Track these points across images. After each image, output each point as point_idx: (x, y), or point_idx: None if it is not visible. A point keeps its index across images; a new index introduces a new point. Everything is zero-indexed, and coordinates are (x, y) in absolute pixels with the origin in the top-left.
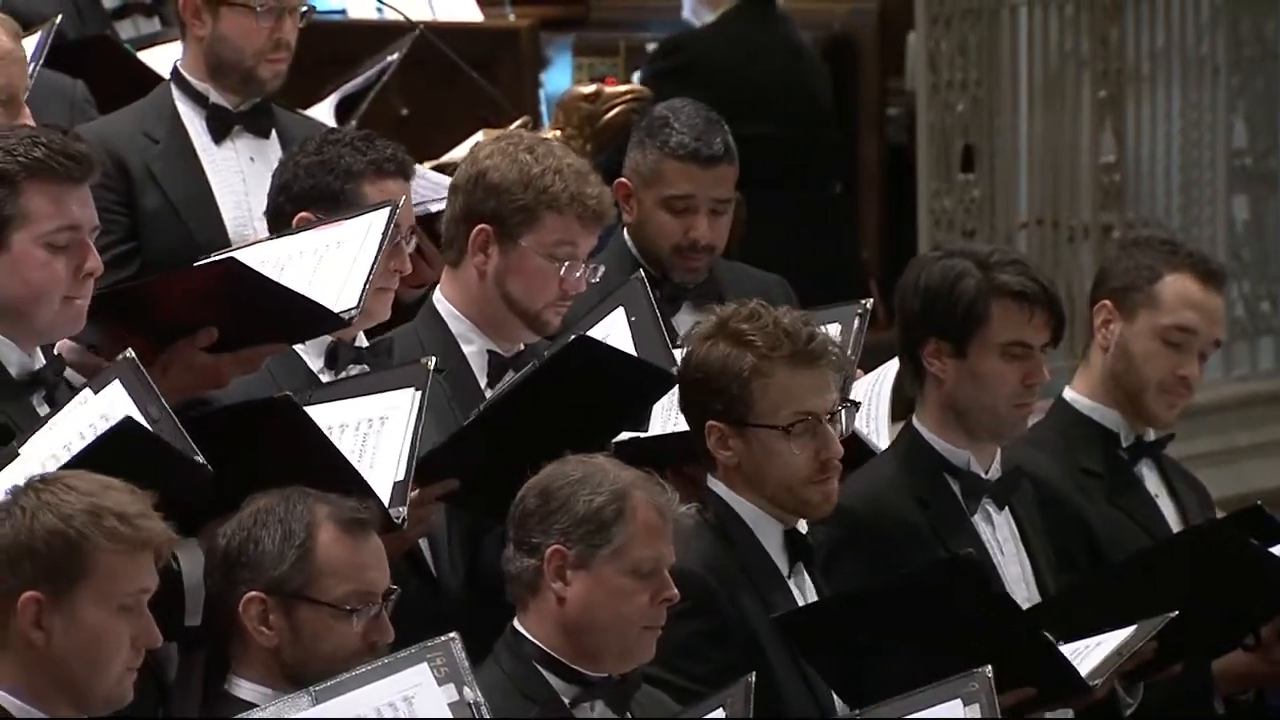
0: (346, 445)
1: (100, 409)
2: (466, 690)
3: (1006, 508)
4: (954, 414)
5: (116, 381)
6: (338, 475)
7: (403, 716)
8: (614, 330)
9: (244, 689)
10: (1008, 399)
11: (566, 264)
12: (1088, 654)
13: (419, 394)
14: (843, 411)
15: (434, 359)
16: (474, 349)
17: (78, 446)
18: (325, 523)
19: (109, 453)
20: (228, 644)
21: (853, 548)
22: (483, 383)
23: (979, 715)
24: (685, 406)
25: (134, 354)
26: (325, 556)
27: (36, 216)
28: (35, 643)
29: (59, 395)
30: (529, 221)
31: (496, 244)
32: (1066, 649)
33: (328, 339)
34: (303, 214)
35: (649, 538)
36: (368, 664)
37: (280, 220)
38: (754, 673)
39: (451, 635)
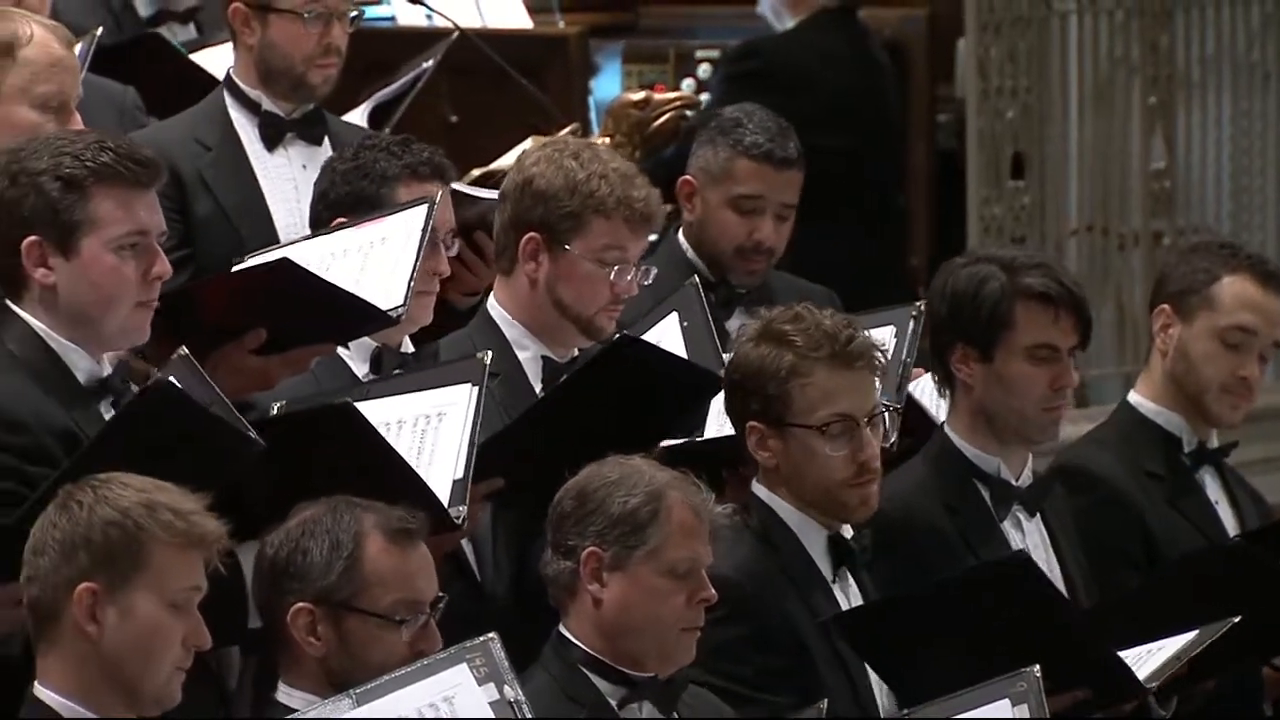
0: (404, 442)
1: None
2: (507, 689)
3: (1038, 515)
4: (984, 419)
5: (171, 379)
6: (397, 481)
7: (444, 716)
8: (667, 334)
9: (293, 697)
10: (1036, 403)
11: (617, 268)
12: (1149, 658)
13: (476, 389)
14: (885, 415)
15: (489, 353)
16: (529, 355)
17: None
18: (373, 533)
19: (155, 419)
20: (276, 653)
21: (882, 552)
22: (537, 388)
23: (1028, 715)
24: (729, 408)
25: (187, 351)
26: (373, 567)
27: (105, 221)
28: (89, 635)
29: (126, 402)
30: (577, 227)
31: (546, 251)
32: (1127, 655)
33: (372, 345)
34: (339, 220)
35: (684, 538)
36: (407, 666)
37: (321, 228)
38: (826, 700)
39: (490, 635)
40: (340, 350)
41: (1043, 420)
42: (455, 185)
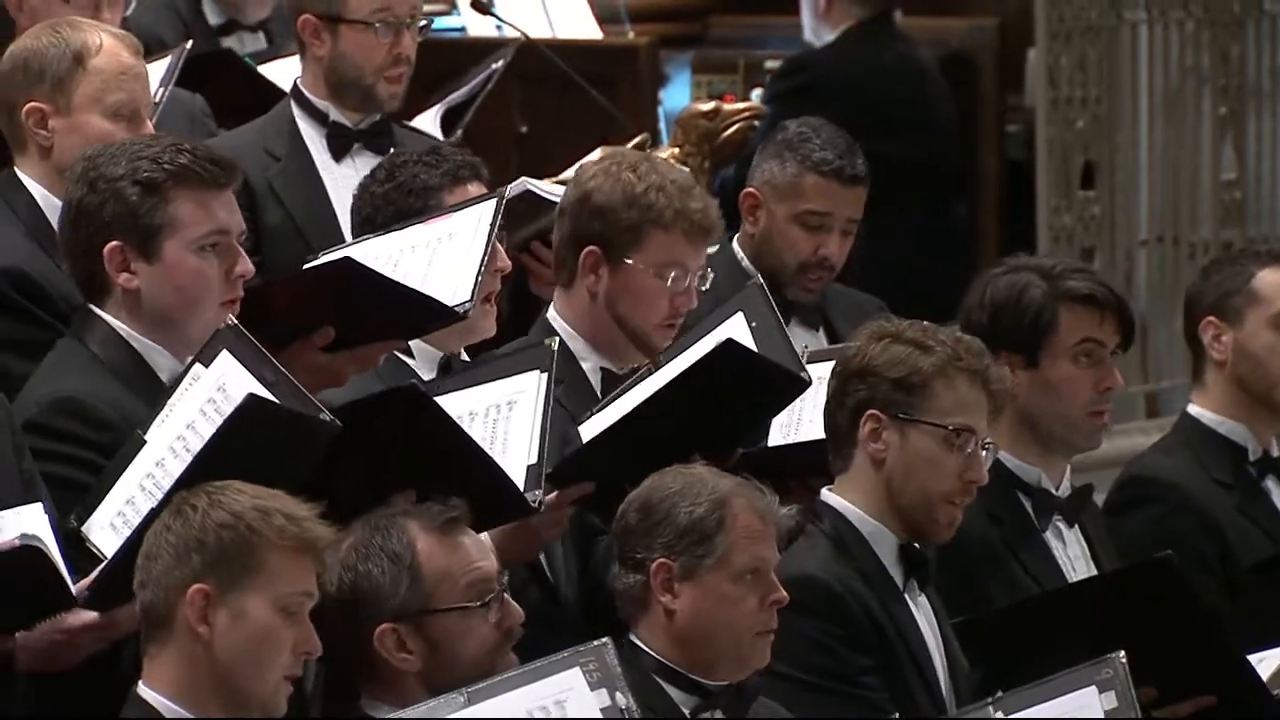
0: (477, 433)
1: (214, 381)
2: (619, 695)
3: (1077, 525)
4: (1028, 428)
5: (224, 351)
6: (473, 467)
7: (554, 718)
8: (734, 335)
9: (382, 710)
10: (1082, 406)
11: (674, 277)
12: (1260, 665)
13: (544, 375)
14: (990, 447)
15: (557, 339)
16: (589, 366)
17: (200, 424)
18: (421, 535)
19: (240, 433)
20: (357, 674)
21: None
22: (599, 397)
23: (1114, 704)
24: (837, 397)
25: (234, 320)
26: (434, 565)
27: (186, 223)
28: (200, 637)
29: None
30: (636, 240)
31: (605, 264)
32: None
33: (438, 354)
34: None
35: (751, 542)
36: (520, 668)
37: None
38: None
39: (605, 640)
40: (407, 360)
41: (1088, 426)
42: (531, 185)
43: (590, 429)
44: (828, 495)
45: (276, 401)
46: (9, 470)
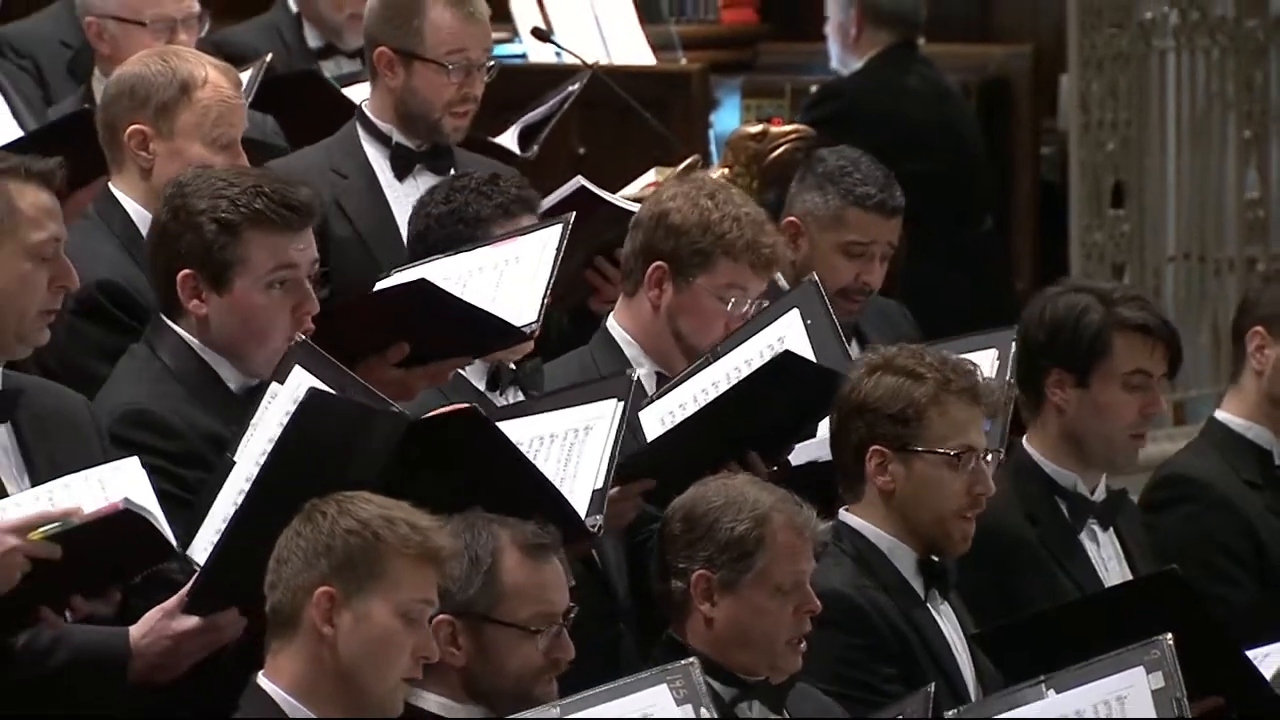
0: (554, 455)
1: (289, 395)
2: (703, 710)
3: (1111, 528)
4: (1072, 442)
5: (297, 366)
6: (531, 489)
7: None
8: (789, 332)
9: (429, 701)
10: (1125, 429)
11: (734, 302)
12: (1263, 663)
13: (621, 404)
14: (991, 455)
15: (638, 371)
16: (644, 371)
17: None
18: (509, 547)
19: (307, 428)
20: None
21: (970, 559)
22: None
23: (1162, 684)
24: (840, 433)
25: (303, 335)
26: (510, 580)
27: (256, 262)
28: (325, 637)
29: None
30: (704, 264)
31: (671, 281)
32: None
33: (486, 364)
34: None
35: (790, 558)
36: (609, 684)
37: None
38: (933, 683)
39: (692, 660)
40: (460, 370)
41: (1128, 447)
42: (606, 196)
43: (650, 416)
44: (846, 516)
45: (337, 394)
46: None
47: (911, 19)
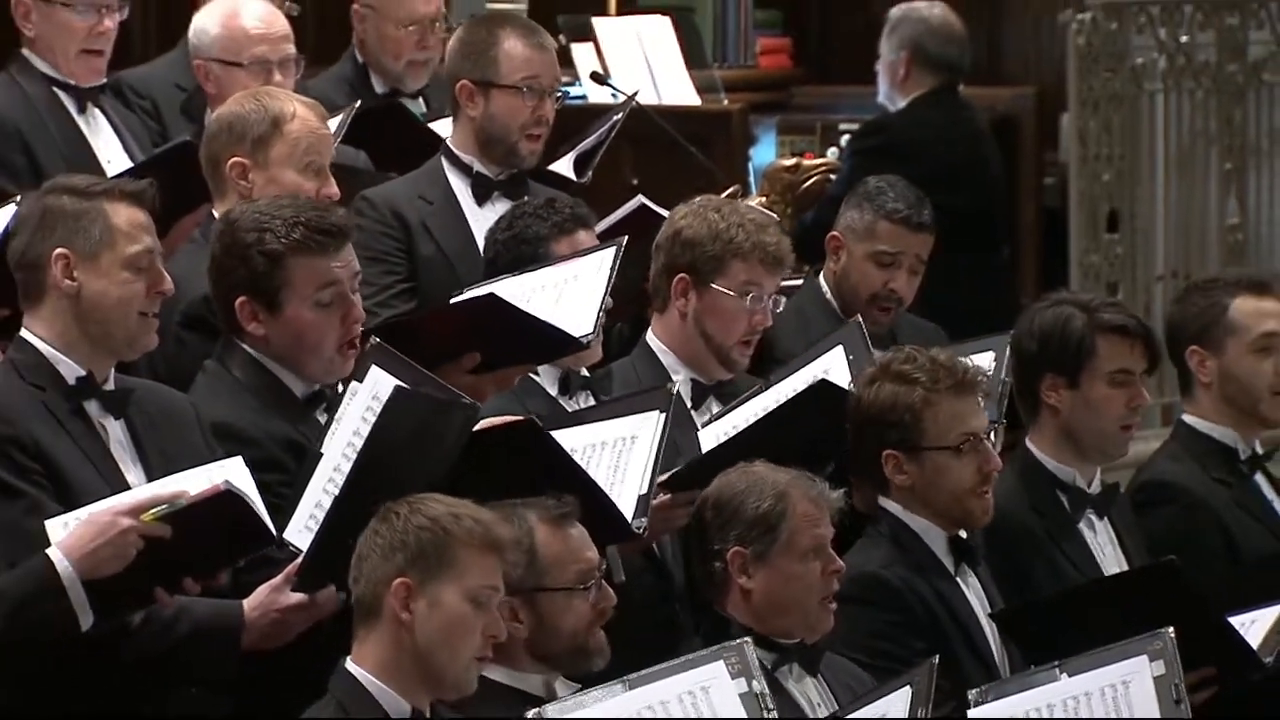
0: (606, 460)
1: (369, 392)
2: (755, 683)
3: (1106, 517)
4: (1069, 438)
5: (374, 367)
6: (583, 496)
7: (700, 703)
8: (834, 365)
9: (495, 672)
10: (1115, 420)
11: (751, 298)
12: (1248, 631)
13: (663, 415)
14: (994, 430)
15: (676, 385)
16: (680, 378)
17: (362, 430)
18: (539, 525)
19: (394, 422)
20: None
21: (983, 546)
22: (688, 405)
23: (1163, 671)
24: (857, 441)
25: (378, 339)
26: (548, 551)
27: (301, 284)
28: (404, 623)
29: (337, 407)
30: (719, 268)
31: (694, 289)
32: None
33: (558, 371)
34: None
35: (810, 525)
36: (671, 660)
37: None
38: (937, 655)
39: (745, 639)
40: (533, 375)
41: (1119, 437)
42: (663, 213)
43: (707, 435)
44: (884, 502)
45: (419, 390)
46: (203, 461)
47: (956, 65)
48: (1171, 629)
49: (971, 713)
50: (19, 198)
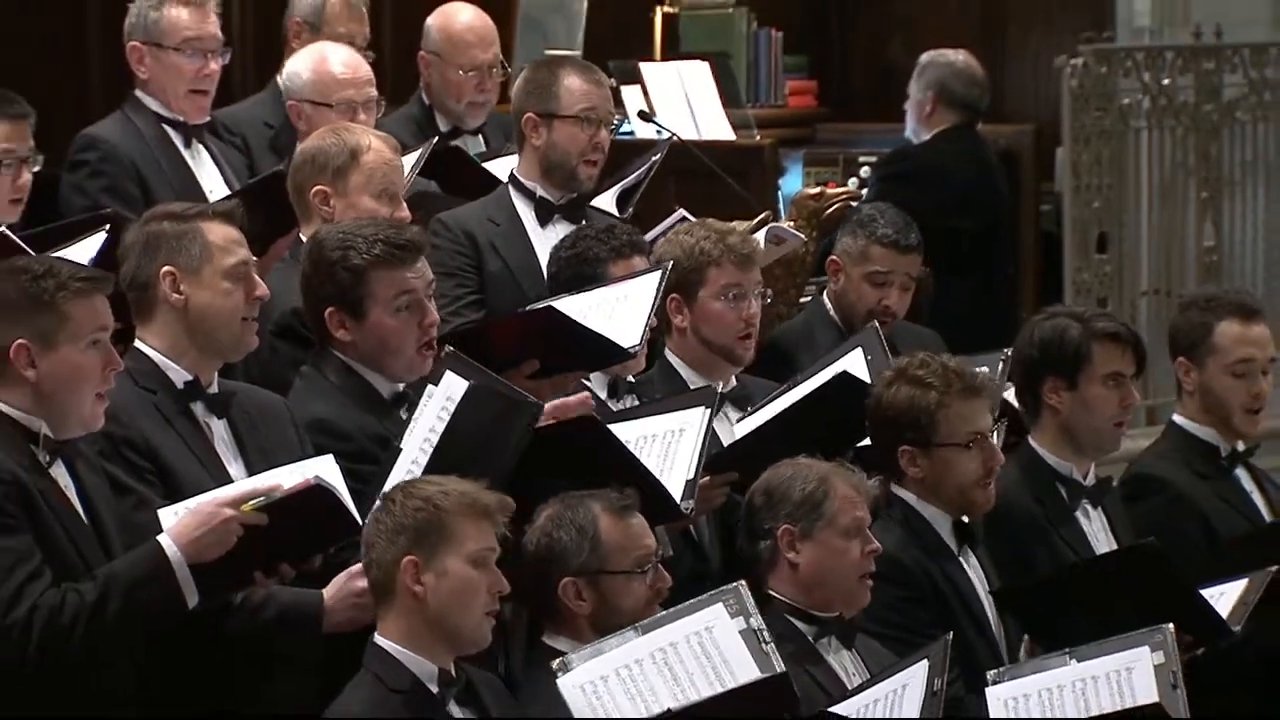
0: (657, 450)
1: (444, 394)
2: (752, 620)
3: (1100, 507)
4: (1068, 436)
5: (448, 371)
6: (637, 481)
7: (706, 643)
8: (854, 364)
9: (560, 642)
10: (1109, 418)
11: (735, 296)
12: (1219, 601)
13: (708, 411)
14: (998, 428)
15: (720, 384)
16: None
17: (438, 427)
18: (603, 514)
19: (467, 417)
20: (544, 615)
21: (989, 533)
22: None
23: (1163, 660)
24: (875, 437)
25: (452, 347)
26: (610, 538)
27: (382, 294)
28: (417, 595)
29: (417, 406)
30: (699, 279)
31: (685, 305)
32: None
33: (607, 377)
34: None
35: (851, 506)
36: (676, 606)
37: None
38: (951, 632)
39: (740, 581)
40: (586, 381)
41: (1113, 434)
42: (683, 213)
43: (742, 428)
44: (898, 490)
45: (489, 388)
46: (297, 456)
47: (976, 105)
48: (1171, 625)
49: (989, 690)
50: (107, 227)
